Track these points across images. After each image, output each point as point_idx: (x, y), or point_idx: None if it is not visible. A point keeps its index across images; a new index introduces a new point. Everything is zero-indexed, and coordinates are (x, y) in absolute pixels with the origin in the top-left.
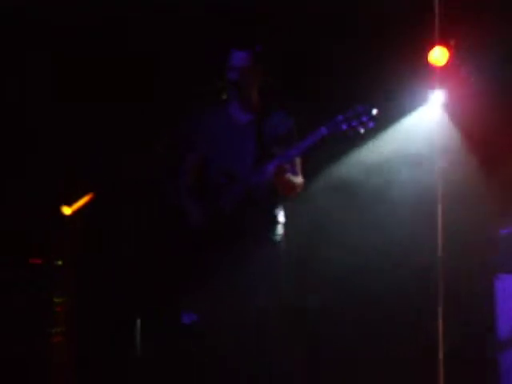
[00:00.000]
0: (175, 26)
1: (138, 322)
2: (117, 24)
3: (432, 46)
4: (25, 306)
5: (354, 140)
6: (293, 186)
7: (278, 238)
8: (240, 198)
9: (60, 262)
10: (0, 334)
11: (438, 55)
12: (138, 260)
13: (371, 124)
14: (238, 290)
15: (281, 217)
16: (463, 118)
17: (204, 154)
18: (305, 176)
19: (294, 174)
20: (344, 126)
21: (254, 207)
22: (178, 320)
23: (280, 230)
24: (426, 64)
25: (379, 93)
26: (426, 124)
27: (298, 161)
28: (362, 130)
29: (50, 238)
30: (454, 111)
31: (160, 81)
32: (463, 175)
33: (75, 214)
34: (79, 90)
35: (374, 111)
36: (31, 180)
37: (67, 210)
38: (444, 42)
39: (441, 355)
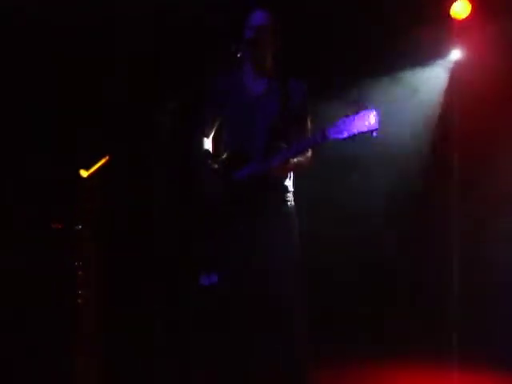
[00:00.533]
0: None
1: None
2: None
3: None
4: (47, 270)
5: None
6: (300, 167)
7: (290, 205)
8: (250, 175)
9: (80, 226)
10: (23, 298)
11: (460, 8)
12: (158, 222)
13: (375, 134)
14: (253, 255)
15: (291, 186)
16: (477, 78)
17: (217, 120)
18: None
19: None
20: (345, 134)
21: (264, 180)
22: (197, 282)
23: (291, 197)
24: (447, 19)
25: (396, 46)
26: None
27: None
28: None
29: (70, 202)
30: (469, 69)
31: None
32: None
33: (92, 176)
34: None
35: (377, 118)
36: (49, 146)
37: (84, 173)
38: None
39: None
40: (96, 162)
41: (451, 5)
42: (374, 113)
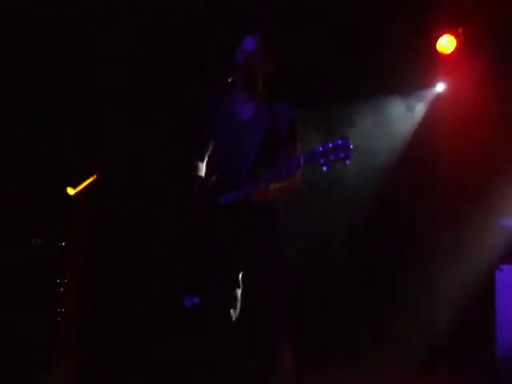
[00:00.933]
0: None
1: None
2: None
3: (440, 35)
4: (28, 286)
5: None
6: (283, 191)
7: (275, 226)
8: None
9: (64, 243)
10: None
11: (446, 42)
12: (143, 240)
13: (348, 162)
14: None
15: (277, 208)
16: (458, 111)
17: (209, 143)
18: None
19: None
20: (321, 160)
21: (249, 204)
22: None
23: (277, 219)
24: (433, 53)
25: (383, 79)
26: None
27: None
28: (337, 164)
29: (55, 219)
30: (451, 102)
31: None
32: (462, 167)
33: (79, 195)
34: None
35: (351, 147)
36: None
37: (71, 191)
38: (452, 30)
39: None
40: (84, 180)
41: (437, 39)
42: (349, 142)
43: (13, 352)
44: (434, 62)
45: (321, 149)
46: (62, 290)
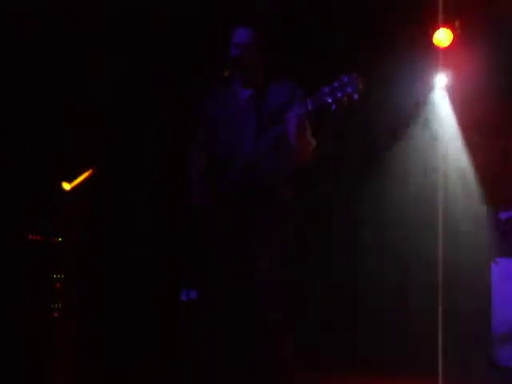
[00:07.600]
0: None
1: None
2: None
3: (436, 28)
4: (25, 281)
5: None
6: (310, 143)
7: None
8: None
9: (60, 239)
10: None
11: (443, 36)
12: (140, 236)
13: (356, 96)
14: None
15: (290, 194)
16: (465, 100)
17: (210, 133)
18: None
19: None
20: (329, 99)
21: (260, 189)
22: (177, 297)
23: (288, 209)
24: (431, 46)
25: (382, 76)
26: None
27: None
28: (346, 101)
29: (51, 214)
30: (457, 93)
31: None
32: (463, 161)
33: (75, 190)
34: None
35: (359, 81)
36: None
37: (67, 186)
38: (449, 23)
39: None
40: (79, 175)
41: (434, 33)
42: (355, 77)
43: (10, 349)
44: (432, 58)
45: (327, 89)
46: (58, 285)
